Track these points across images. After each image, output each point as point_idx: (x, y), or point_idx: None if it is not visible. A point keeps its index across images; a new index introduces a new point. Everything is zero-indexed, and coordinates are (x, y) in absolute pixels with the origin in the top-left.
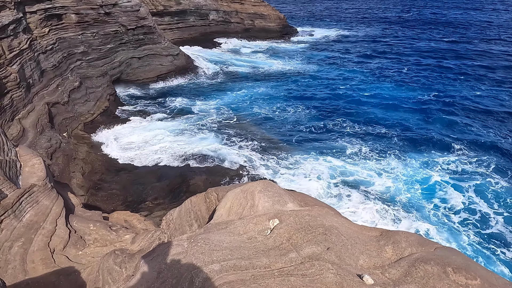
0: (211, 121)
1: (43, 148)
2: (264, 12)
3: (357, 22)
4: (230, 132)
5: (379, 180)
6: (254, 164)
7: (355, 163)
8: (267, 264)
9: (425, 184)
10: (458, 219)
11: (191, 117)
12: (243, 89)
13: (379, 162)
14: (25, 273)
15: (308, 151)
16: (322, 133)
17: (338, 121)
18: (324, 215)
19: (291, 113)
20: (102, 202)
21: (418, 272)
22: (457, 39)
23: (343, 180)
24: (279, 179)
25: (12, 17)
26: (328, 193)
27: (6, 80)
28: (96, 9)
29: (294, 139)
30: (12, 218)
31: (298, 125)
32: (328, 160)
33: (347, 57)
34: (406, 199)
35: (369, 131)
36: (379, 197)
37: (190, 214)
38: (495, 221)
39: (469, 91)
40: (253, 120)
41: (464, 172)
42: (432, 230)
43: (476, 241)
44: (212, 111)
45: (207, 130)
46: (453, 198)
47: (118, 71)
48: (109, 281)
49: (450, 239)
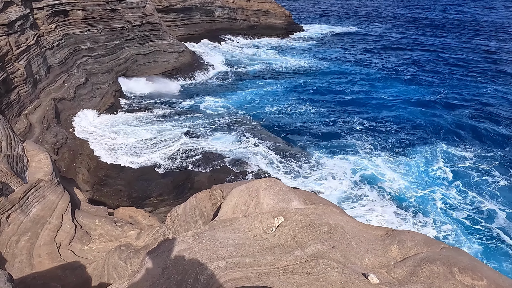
0: (220, 119)
1: (49, 143)
2: (269, 9)
3: (365, 19)
4: (241, 130)
5: (393, 178)
6: (271, 164)
7: (370, 160)
8: (272, 262)
9: (435, 180)
10: (466, 216)
11: (198, 116)
12: (252, 87)
13: (391, 159)
14: (32, 267)
15: (324, 149)
16: (334, 131)
17: (348, 118)
18: (329, 213)
19: (302, 111)
20: (107, 198)
21: (424, 272)
22: (469, 39)
23: (361, 178)
24: (298, 180)
25: (19, 13)
26: (349, 192)
27: (13, 75)
28: (102, 5)
29: (307, 138)
30: (19, 212)
31: (309, 123)
32: (348, 159)
33: (354, 54)
34: (417, 197)
35: (379, 128)
36: (393, 195)
37: (195, 210)
38: (502, 219)
39: (480, 90)
40: (265, 118)
41: (473, 169)
42: (443, 228)
43: (484, 240)
44: (221, 109)
45: (216, 129)
46: (462, 196)
47: (123, 68)
48: (114, 276)
49: (460, 237)
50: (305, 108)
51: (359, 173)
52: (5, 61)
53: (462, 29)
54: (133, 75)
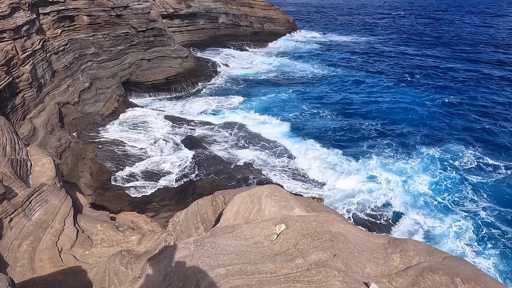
0: (233, 126)
1: (53, 147)
2: (273, 16)
3: (369, 27)
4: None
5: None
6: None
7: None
8: (273, 270)
9: (447, 185)
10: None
11: (212, 123)
12: (262, 93)
13: (407, 163)
14: (33, 271)
15: (353, 154)
16: (351, 136)
17: (363, 124)
18: (331, 221)
19: (317, 116)
20: (109, 202)
21: (426, 282)
22: (482, 50)
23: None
24: (326, 189)
25: (26, 18)
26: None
27: (19, 79)
28: (107, 11)
29: (328, 142)
30: (21, 216)
31: (325, 128)
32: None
33: (358, 61)
34: (437, 202)
35: (390, 132)
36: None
37: (196, 216)
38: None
39: (491, 96)
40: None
41: (483, 172)
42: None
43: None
44: (234, 115)
45: (231, 135)
46: (474, 200)
47: (127, 73)
48: (115, 281)
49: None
50: (316, 111)
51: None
52: (11, 65)
53: (474, 39)
54: (136, 80)
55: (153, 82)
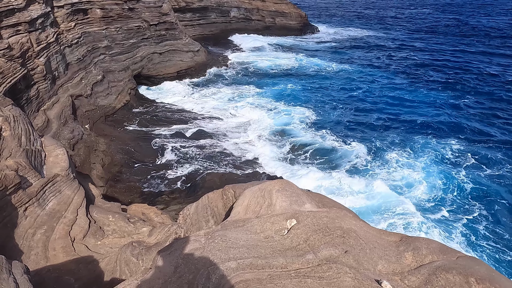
0: (249, 123)
1: (66, 139)
2: (285, 10)
3: (383, 24)
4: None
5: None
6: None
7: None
8: (283, 264)
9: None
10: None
11: (226, 117)
12: (272, 83)
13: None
14: (47, 260)
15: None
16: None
17: (372, 118)
18: (342, 217)
19: (328, 111)
20: (120, 194)
21: (439, 281)
22: (492, 49)
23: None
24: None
25: (40, 11)
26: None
27: (33, 72)
28: (120, 4)
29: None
30: (36, 206)
31: (337, 123)
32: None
33: (370, 57)
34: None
35: (401, 129)
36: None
37: (207, 210)
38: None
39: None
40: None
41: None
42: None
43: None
44: (246, 109)
45: (239, 129)
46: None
47: (139, 66)
48: (126, 272)
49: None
50: (328, 106)
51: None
52: (26, 57)
53: (492, 37)
54: (148, 74)
55: (165, 75)
